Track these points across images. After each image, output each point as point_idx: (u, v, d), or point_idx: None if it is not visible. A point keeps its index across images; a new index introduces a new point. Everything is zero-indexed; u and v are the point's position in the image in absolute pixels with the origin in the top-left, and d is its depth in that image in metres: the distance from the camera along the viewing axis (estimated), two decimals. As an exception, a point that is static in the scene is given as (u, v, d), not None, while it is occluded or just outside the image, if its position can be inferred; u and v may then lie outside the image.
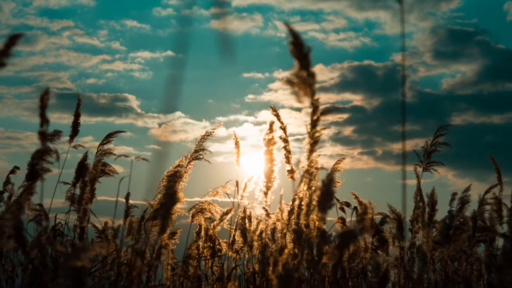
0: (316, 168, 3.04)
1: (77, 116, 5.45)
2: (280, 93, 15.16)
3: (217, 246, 5.81)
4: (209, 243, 5.66)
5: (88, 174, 4.54)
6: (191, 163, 5.19)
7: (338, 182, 6.44)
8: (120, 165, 5.53)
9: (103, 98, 15.07)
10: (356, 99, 15.98)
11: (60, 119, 14.61)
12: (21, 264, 4.70)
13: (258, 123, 14.65)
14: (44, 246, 2.78)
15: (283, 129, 3.89)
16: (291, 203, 4.13)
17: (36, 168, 3.19)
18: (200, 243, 5.63)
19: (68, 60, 16.63)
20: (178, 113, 13.72)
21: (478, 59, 16.27)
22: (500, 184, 5.79)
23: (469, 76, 16.05)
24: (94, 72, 16.86)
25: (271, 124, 3.84)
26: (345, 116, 14.69)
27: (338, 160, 6.51)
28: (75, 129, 5.45)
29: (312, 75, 2.23)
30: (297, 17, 16.96)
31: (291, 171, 3.85)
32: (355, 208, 6.55)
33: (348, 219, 6.72)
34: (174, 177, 3.73)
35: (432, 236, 5.37)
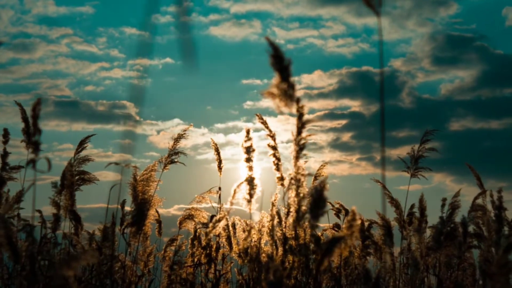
0: (303, 175, 3.07)
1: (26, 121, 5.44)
2: (278, 99, 15.19)
3: (213, 253, 5.84)
4: (202, 250, 5.70)
5: (65, 181, 4.59)
6: (167, 167, 5.26)
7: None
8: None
9: (101, 106, 15.12)
10: (354, 105, 16.02)
11: (59, 127, 14.67)
12: (16, 271, 4.73)
13: (257, 130, 14.68)
14: (34, 255, 2.82)
15: (272, 136, 3.92)
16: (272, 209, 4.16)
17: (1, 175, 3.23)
18: (184, 248, 5.68)
19: (66, 68, 16.70)
20: (177, 120, 13.78)
21: (476, 65, 16.31)
22: (482, 190, 5.85)
23: (468, 82, 16.09)
24: (93, 80, 16.92)
25: (248, 131, 3.83)
26: (343, 122, 14.75)
27: (321, 166, 6.50)
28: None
29: (292, 87, 2.27)
30: (295, 23, 17.02)
31: (281, 178, 3.88)
32: (347, 213, 6.57)
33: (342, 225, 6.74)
34: (148, 182, 3.80)
35: (425, 242, 5.40)
